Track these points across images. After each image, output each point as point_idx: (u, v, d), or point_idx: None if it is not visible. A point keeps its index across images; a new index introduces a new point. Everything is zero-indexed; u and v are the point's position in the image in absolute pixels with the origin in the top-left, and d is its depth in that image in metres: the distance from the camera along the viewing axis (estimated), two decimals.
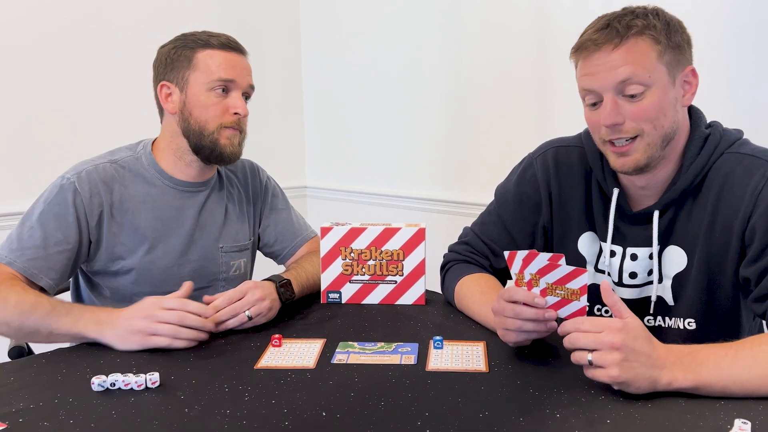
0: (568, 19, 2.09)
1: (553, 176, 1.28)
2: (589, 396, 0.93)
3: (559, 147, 1.31)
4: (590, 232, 1.26)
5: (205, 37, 1.37)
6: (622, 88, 1.09)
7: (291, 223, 1.59)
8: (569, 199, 1.27)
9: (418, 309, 1.37)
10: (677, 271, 1.18)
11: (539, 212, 1.30)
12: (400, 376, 1.02)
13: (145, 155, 1.42)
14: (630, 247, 1.21)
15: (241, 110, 1.37)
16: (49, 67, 2.22)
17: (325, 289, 1.41)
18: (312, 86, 3.00)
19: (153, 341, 1.13)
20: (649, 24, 1.09)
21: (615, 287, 1.23)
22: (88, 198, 1.33)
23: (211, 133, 1.36)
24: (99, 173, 1.36)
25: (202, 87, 1.35)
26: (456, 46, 2.42)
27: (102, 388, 0.97)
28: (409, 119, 2.62)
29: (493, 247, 1.34)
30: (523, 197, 1.31)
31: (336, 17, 2.84)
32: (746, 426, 0.81)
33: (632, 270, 1.21)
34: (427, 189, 2.60)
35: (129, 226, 1.37)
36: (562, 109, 2.16)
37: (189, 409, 0.92)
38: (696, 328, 1.18)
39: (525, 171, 1.33)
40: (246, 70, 1.40)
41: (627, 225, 1.21)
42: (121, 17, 2.36)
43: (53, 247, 1.30)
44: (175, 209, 1.41)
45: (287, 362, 1.08)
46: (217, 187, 1.49)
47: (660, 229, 1.17)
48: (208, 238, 1.45)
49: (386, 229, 1.38)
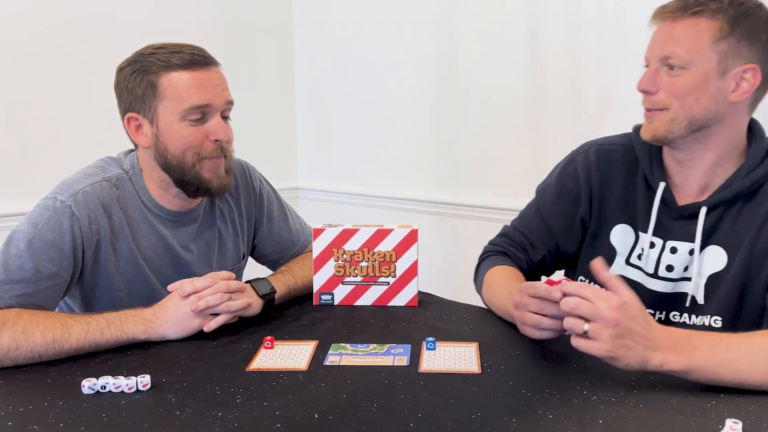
0: (561, 21, 2.10)
1: (594, 170, 1.30)
2: (581, 397, 0.94)
3: (602, 145, 1.33)
4: (625, 224, 1.27)
5: (166, 57, 1.21)
6: (665, 60, 1.13)
7: (288, 231, 1.52)
8: (608, 191, 1.29)
9: (410, 310, 1.36)
10: (714, 271, 1.19)
11: (578, 205, 1.32)
12: (393, 377, 1.02)
13: (135, 177, 1.29)
14: (670, 240, 1.22)
15: (222, 136, 1.23)
16: (45, 68, 2.21)
17: (318, 291, 1.41)
18: (304, 87, 2.99)
19: (210, 318, 1.16)
20: (720, 8, 1.10)
21: (648, 279, 1.24)
22: (87, 225, 1.19)
23: (191, 167, 1.23)
24: (97, 194, 1.22)
25: (174, 117, 1.21)
26: (448, 48, 2.43)
27: (92, 390, 0.97)
28: (402, 121, 2.62)
29: (531, 239, 1.36)
30: (563, 190, 1.34)
31: (328, 18, 2.84)
32: (737, 426, 0.81)
33: (669, 263, 1.22)
34: (420, 190, 2.60)
35: (128, 253, 1.26)
36: (554, 110, 2.16)
37: (180, 411, 0.91)
38: (721, 327, 1.19)
39: (567, 166, 1.35)
40: (220, 86, 1.24)
41: (669, 219, 1.22)
42: (114, 18, 2.34)
43: (44, 282, 1.16)
44: (168, 239, 1.32)
45: (279, 364, 1.08)
46: (208, 209, 1.39)
47: (704, 227, 1.18)
48: (203, 266, 1.37)
49: (379, 231, 1.38)
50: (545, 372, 1.03)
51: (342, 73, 2.82)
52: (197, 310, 1.17)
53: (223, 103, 1.25)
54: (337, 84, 2.84)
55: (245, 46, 2.71)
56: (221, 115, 1.26)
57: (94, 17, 2.30)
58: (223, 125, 1.25)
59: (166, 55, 1.21)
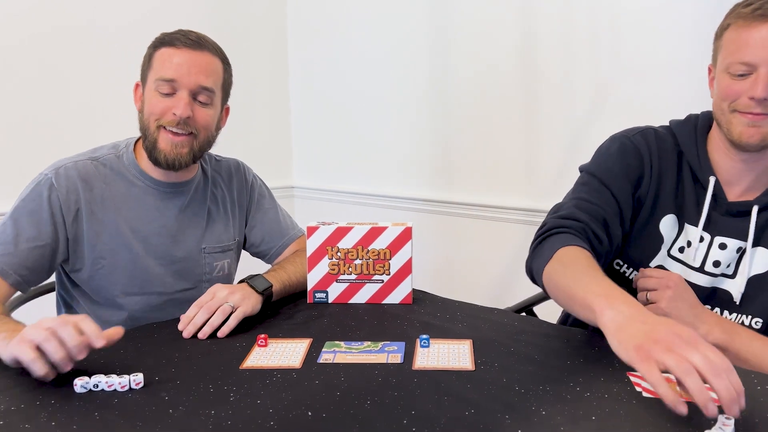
0: (554, 21, 2.10)
1: (654, 152, 1.27)
2: (575, 393, 0.94)
3: (656, 129, 1.31)
4: (673, 215, 1.26)
5: (171, 36, 1.33)
6: None
7: (278, 222, 1.57)
8: (664, 178, 1.27)
9: (404, 308, 1.36)
10: (758, 272, 1.20)
11: (639, 184, 1.27)
12: (387, 375, 1.02)
13: (126, 154, 1.40)
14: (718, 236, 1.22)
15: (179, 111, 1.28)
16: (41, 68, 2.21)
17: (312, 289, 1.41)
18: (299, 86, 2.99)
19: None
20: None
21: (690, 272, 1.24)
22: (65, 194, 1.30)
23: (152, 134, 1.32)
24: (78, 170, 1.33)
25: (152, 86, 1.31)
26: (442, 47, 2.43)
27: (85, 389, 0.96)
28: (396, 119, 2.63)
29: (607, 213, 1.24)
30: (629, 169, 1.27)
31: (323, 17, 2.83)
32: (729, 422, 0.81)
33: (717, 258, 1.22)
34: (414, 188, 2.60)
35: (111, 224, 1.35)
36: (548, 108, 2.17)
37: (173, 409, 0.91)
38: (761, 328, 1.19)
39: (624, 146, 1.28)
40: (195, 67, 1.30)
41: (718, 214, 1.23)
42: (108, 19, 2.34)
43: (24, 243, 1.26)
44: (156, 209, 1.40)
45: (273, 362, 1.08)
46: (200, 188, 1.47)
47: (756, 225, 1.19)
48: (191, 240, 1.43)
49: (373, 229, 1.38)
50: (538, 369, 1.03)
51: (336, 71, 2.82)
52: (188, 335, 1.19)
53: (193, 83, 1.31)
54: (331, 83, 2.84)
55: (239, 45, 2.71)
56: (194, 98, 1.32)
57: (93, 17, 2.30)
58: (184, 101, 1.30)
59: (173, 35, 1.33)
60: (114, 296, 1.36)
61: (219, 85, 1.36)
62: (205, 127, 1.35)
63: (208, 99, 1.33)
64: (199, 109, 1.32)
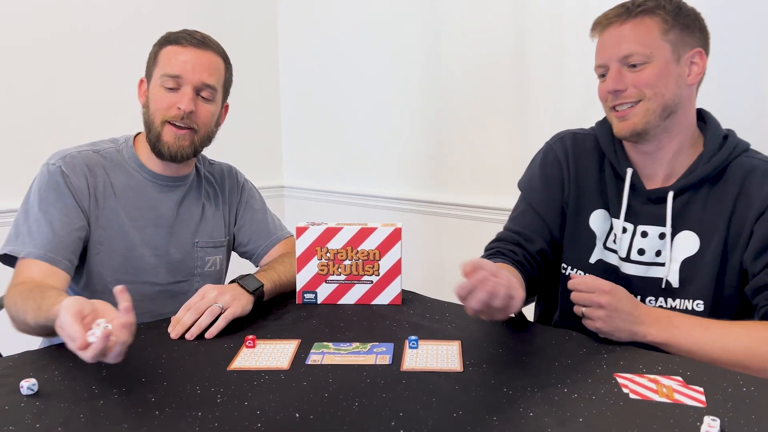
0: (546, 21, 2.11)
1: (571, 156, 1.37)
2: (562, 395, 0.94)
3: (575, 133, 1.40)
4: (602, 209, 1.32)
5: (177, 35, 1.38)
6: (625, 59, 1.21)
7: (266, 223, 1.59)
8: (584, 178, 1.35)
9: (394, 309, 1.36)
10: (687, 256, 1.24)
11: (563, 190, 1.37)
12: (375, 376, 1.02)
13: (126, 148, 1.43)
14: (641, 225, 1.27)
15: (184, 105, 1.34)
16: (40, 69, 2.21)
17: (301, 290, 1.40)
18: (289, 86, 2.98)
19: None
20: (658, 5, 1.20)
21: (622, 263, 1.29)
22: (76, 180, 1.35)
23: (156, 127, 1.37)
24: (83, 158, 1.37)
25: (157, 81, 1.36)
26: (433, 47, 2.43)
27: (32, 391, 0.95)
28: (386, 119, 2.62)
29: (525, 234, 1.38)
30: (549, 179, 1.38)
31: (313, 17, 2.83)
32: (715, 423, 0.82)
33: (641, 247, 1.27)
34: (404, 189, 2.60)
35: (111, 212, 1.38)
36: (540, 110, 2.17)
37: (159, 411, 0.90)
38: (704, 310, 1.22)
39: (546, 155, 1.40)
40: (199, 65, 1.36)
41: (639, 204, 1.28)
42: (103, 20, 2.34)
43: (62, 230, 1.30)
44: (153, 201, 1.42)
45: (261, 363, 1.07)
46: (195, 185, 1.50)
47: (673, 211, 1.24)
48: (186, 233, 1.46)
49: (362, 229, 1.38)
50: (526, 370, 1.03)
51: (326, 72, 2.81)
52: (188, 337, 1.19)
53: (197, 80, 1.36)
54: (321, 83, 2.84)
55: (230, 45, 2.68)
56: (198, 94, 1.37)
57: (91, 17, 2.30)
58: (188, 96, 1.35)
59: (178, 34, 1.38)
60: (107, 283, 1.36)
61: (221, 83, 1.41)
62: (205, 122, 1.40)
63: (210, 95, 1.39)
64: (201, 105, 1.37)
